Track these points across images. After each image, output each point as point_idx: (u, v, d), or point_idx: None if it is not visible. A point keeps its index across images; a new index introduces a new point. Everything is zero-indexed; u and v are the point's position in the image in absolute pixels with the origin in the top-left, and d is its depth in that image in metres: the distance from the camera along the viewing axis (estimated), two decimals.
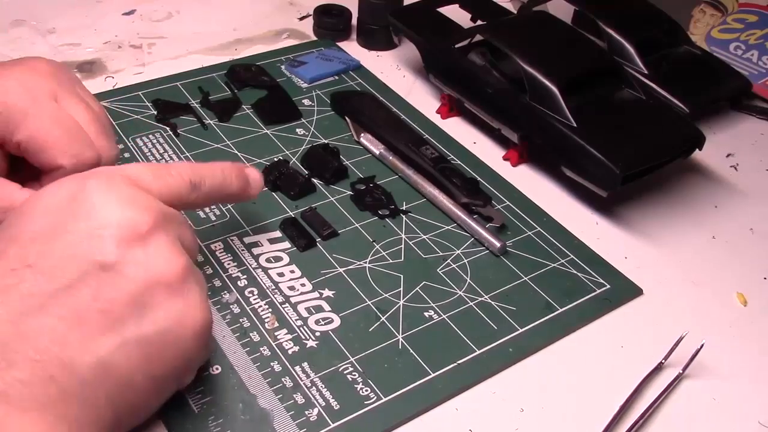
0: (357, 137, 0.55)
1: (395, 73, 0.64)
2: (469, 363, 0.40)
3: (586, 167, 0.49)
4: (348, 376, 0.38)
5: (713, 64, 0.61)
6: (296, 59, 0.63)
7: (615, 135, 0.49)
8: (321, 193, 0.50)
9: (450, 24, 0.61)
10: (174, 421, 0.35)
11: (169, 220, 0.34)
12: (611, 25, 0.60)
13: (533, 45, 0.54)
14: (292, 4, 0.74)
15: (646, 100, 0.53)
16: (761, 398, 0.40)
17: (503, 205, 0.50)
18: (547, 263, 0.46)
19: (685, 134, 0.51)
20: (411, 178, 0.51)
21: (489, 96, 0.54)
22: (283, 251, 0.45)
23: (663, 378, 0.40)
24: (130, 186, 0.34)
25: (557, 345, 0.42)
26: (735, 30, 0.66)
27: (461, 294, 0.44)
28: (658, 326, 0.43)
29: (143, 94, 0.57)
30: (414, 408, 0.37)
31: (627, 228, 0.50)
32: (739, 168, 0.57)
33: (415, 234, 0.47)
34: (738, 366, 0.41)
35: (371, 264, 0.45)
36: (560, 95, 0.50)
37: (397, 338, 0.41)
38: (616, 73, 0.53)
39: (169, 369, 0.33)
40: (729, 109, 0.63)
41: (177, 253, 0.33)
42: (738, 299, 0.46)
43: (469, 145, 0.56)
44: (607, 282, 0.45)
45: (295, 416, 0.36)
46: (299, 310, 0.42)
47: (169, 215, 0.34)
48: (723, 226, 0.51)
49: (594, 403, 0.39)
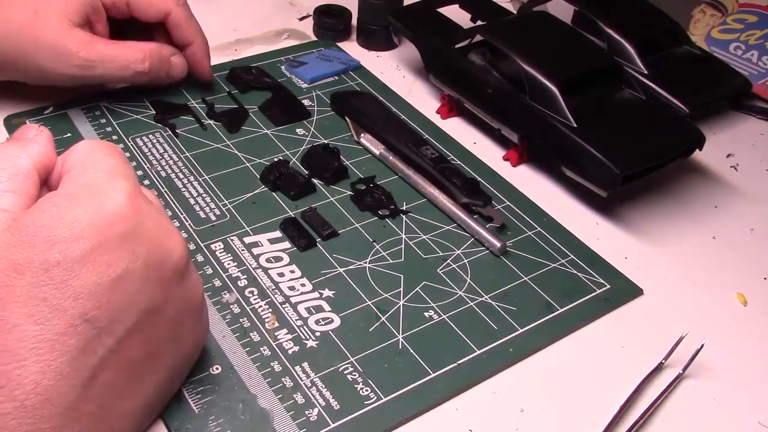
0: (357, 137, 0.55)
1: (395, 73, 0.64)
2: (469, 363, 0.40)
3: (586, 167, 0.49)
4: (348, 376, 0.38)
5: (713, 64, 0.61)
6: (296, 59, 0.63)
7: (615, 135, 0.49)
8: (321, 193, 0.50)
9: (450, 24, 0.61)
10: (174, 420, 0.35)
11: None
12: (611, 25, 0.60)
13: (533, 45, 0.54)
14: (292, 5, 0.74)
15: (646, 100, 0.53)
16: (761, 398, 0.40)
17: (503, 205, 0.50)
18: (548, 263, 0.46)
19: (685, 134, 0.51)
20: (411, 178, 0.51)
21: (489, 96, 0.54)
22: (283, 251, 0.45)
23: (663, 378, 0.40)
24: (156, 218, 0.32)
25: (557, 345, 0.42)
26: (735, 30, 0.66)
27: (461, 294, 0.44)
28: (658, 326, 0.43)
29: (143, 94, 0.57)
30: (414, 408, 0.37)
31: (627, 228, 0.50)
32: (739, 168, 0.57)
33: (415, 234, 0.47)
34: (738, 366, 0.41)
35: (371, 264, 0.45)
36: (560, 95, 0.50)
37: (397, 338, 0.41)
38: (616, 73, 0.53)
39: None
40: (729, 109, 0.63)
41: (196, 272, 0.35)
42: (738, 299, 0.46)
43: (469, 145, 0.56)
44: (607, 282, 0.45)
45: (295, 416, 0.36)
46: (299, 310, 0.42)
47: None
48: (723, 226, 0.51)
49: (594, 403, 0.39)
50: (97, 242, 0.29)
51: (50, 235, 0.28)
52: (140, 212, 0.31)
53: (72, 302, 0.28)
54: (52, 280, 0.28)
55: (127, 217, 0.30)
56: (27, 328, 0.27)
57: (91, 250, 0.29)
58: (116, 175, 0.31)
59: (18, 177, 0.31)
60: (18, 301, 0.28)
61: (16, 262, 0.28)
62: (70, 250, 0.28)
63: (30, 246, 0.28)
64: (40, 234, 0.28)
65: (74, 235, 0.29)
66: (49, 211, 0.29)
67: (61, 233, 0.28)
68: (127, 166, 0.33)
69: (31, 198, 0.31)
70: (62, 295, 0.28)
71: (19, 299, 0.28)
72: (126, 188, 0.31)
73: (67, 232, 0.28)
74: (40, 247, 0.28)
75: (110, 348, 0.29)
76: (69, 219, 0.29)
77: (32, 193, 0.31)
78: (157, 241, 0.31)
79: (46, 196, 0.30)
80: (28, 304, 0.28)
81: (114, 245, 0.29)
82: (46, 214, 0.29)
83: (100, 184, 0.31)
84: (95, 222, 0.29)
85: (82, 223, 0.29)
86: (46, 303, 0.28)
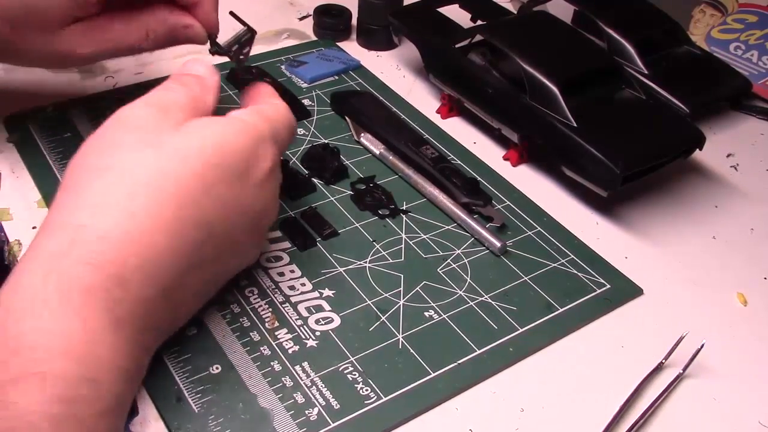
0: (357, 137, 0.55)
1: (395, 73, 0.64)
2: (469, 363, 0.40)
3: (586, 167, 0.49)
4: (348, 375, 0.38)
5: (713, 64, 0.61)
6: (296, 59, 0.63)
7: (615, 135, 0.49)
8: (321, 193, 0.50)
9: (450, 24, 0.61)
10: (174, 420, 0.35)
11: None
12: (611, 25, 0.60)
13: (533, 45, 0.54)
14: (292, 4, 0.74)
15: (646, 100, 0.53)
16: (761, 398, 0.40)
17: (503, 205, 0.50)
18: (548, 263, 0.46)
19: (685, 134, 0.51)
20: (411, 178, 0.51)
21: (489, 96, 0.54)
22: (283, 251, 0.45)
23: (663, 378, 0.40)
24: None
25: (557, 345, 0.42)
26: (735, 30, 0.66)
27: (461, 294, 0.44)
28: (658, 326, 0.43)
29: (144, 94, 0.57)
30: (414, 408, 0.37)
31: (627, 228, 0.50)
32: (739, 168, 0.57)
33: (415, 234, 0.47)
34: (738, 366, 0.41)
35: (371, 264, 0.45)
36: (560, 95, 0.50)
37: (398, 338, 0.41)
38: (616, 73, 0.53)
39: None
40: (729, 109, 0.63)
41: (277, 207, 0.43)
42: (738, 299, 0.46)
43: (469, 145, 0.56)
44: (608, 282, 0.45)
45: (295, 416, 0.36)
46: (299, 310, 0.42)
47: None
48: (723, 226, 0.51)
49: (594, 403, 0.39)
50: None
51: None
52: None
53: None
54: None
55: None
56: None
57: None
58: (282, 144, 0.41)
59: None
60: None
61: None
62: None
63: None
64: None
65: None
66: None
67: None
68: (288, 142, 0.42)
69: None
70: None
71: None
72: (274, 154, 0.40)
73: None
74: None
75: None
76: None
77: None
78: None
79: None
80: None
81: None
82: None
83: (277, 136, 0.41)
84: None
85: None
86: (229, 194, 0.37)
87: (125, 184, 0.34)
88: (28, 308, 0.30)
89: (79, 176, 0.34)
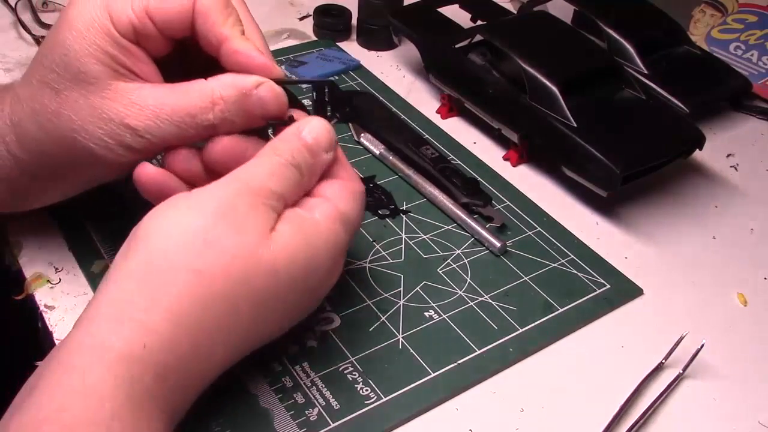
0: (357, 137, 0.55)
1: (395, 73, 0.64)
2: (469, 363, 0.40)
3: (586, 167, 0.49)
4: (348, 375, 0.38)
5: (713, 64, 0.61)
6: (296, 59, 0.63)
7: (615, 135, 0.49)
8: None
9: (450, 24, 0.61)
10: None
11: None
12: (611, 25, 0.60)
13: (533, 45, 0.54)
14: (292, 4, 0.74)
15: (646, 100, 0.53)
16: (761, 398, 0.40)
17: (503, 205, 0.50)
18: (548, 263, 0.46)
19: (685, 134, 0.51)
20: (411, 178, 0.51)
21: (489, 96, 0.54)
22: None
23: (663, 378, 0.40)
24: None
25: (557, 345, 0.42)
26: (735, 30, 0.66)
27: (461, 294, 0.44)
28: (658, 326, 0.43)
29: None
30: (414, 408, 0.37)
31: (627, 228, 0.50)
32: (739, 168, 0.57)
33: (415, 234, 0.47)
34: (738, 366, 0.41)
35: (371, 264, 0.45)
36: (560, 95, 0.50)
37: (398, 338, 0.41)
38: (616, 73, 0.53)
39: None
40: (729, 109, 0.63)
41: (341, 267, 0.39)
42: (738, 299, 0.46)
43: (469, 145, 0.56)
44: (607, 282, 0.45)
45: (295, 416, 0.36)
46: None
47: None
48: (723, 226, 0.51)
49: (594, 403, 0.39)
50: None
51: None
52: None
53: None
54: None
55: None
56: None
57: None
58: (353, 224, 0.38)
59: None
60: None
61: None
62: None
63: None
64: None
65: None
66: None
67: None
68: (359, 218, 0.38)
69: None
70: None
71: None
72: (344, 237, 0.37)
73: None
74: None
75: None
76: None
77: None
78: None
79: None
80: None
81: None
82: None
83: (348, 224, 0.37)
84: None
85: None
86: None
87: (203, 295, 0.32)
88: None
89: (159, 268, 0.32)
